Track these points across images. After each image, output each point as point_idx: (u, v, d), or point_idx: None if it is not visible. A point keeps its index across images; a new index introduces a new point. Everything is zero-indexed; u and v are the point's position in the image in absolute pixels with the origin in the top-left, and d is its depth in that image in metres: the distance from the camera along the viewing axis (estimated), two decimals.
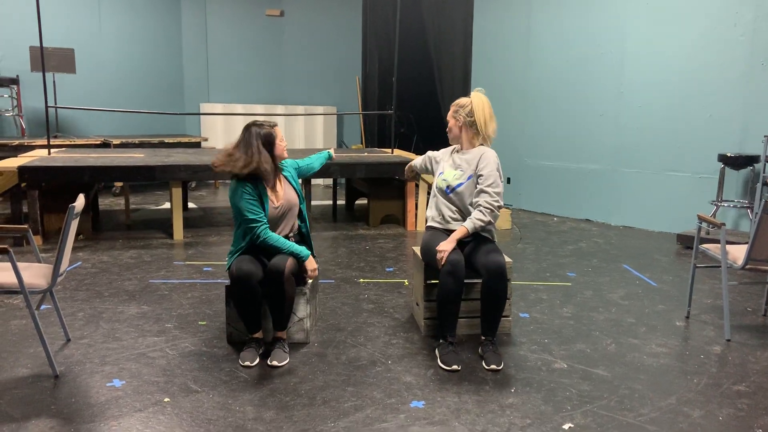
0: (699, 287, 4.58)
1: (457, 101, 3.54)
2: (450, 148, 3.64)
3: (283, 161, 3.47)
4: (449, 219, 3.44)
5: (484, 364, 3.15)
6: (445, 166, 3.54)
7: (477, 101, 3.42)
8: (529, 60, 7.79)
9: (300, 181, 3.63)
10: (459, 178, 3.42)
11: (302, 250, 3.29)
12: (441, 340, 3.25)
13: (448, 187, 3.44)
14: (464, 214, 3.42)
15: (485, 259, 3.20)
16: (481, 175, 3.35)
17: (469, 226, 3.28)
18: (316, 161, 3.87)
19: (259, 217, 3.20)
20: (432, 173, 3.73)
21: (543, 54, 7.62)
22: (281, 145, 3.34)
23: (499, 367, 3.11)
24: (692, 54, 6.34)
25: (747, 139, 6.05)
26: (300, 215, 3.49)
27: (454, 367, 3.09)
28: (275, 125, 3.36)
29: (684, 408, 2.76)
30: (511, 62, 7.99)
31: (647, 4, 6.61)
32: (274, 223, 3.33)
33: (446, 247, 3.19)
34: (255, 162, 3.18)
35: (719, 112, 6.21)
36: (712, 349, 3.45)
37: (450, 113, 3.55)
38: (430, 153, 3.77)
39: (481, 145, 3.48)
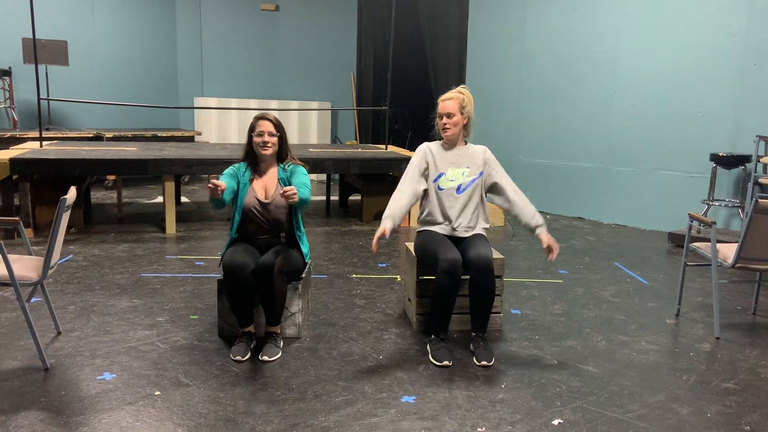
0: (689, 285, 4.61)
1: (460, 93, 3.34)
2: (433, 146, 3.46)
3: (290, 165, 3.39)
4: (457, 222, 3.36)
5: (474, 360, 3.16)
6: (442, 165, 3.41)
7: (471, 96, 3.41)
8: (523, 58, 7.79)
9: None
10: (469, 176, 3.39)
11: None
12: (432, 336, 3.26)
13: (459, 186, 3.37)
14: (473, 213, 3.39)
15: (471, 255, 3.17)
16: (494, 178, 3.45)
17: (542, 224, 3.40)
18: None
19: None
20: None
21: (537, 52, 7.63)
22: (256, 139, 3.32)
23: (490, 363, 3.12)
24: (685, 54, 6.36)
25: (739, 139, 6.08)
26: (291, 220, 3.41)
27: (445, 362, 3.10)
28: (261, 117, 3.32)
29: (673, 405, 2.78)
30: (506, 59, 8.00)
31: (641, 4, 6.62)
32: (265, 217, 3.33)
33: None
34: (245, 148, 3.41)
35: (711, 111, 6.24)
36: (701, 347, 3.47)
37: (455, 106, 3.32)
38: (417, 164, 3.41)
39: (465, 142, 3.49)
